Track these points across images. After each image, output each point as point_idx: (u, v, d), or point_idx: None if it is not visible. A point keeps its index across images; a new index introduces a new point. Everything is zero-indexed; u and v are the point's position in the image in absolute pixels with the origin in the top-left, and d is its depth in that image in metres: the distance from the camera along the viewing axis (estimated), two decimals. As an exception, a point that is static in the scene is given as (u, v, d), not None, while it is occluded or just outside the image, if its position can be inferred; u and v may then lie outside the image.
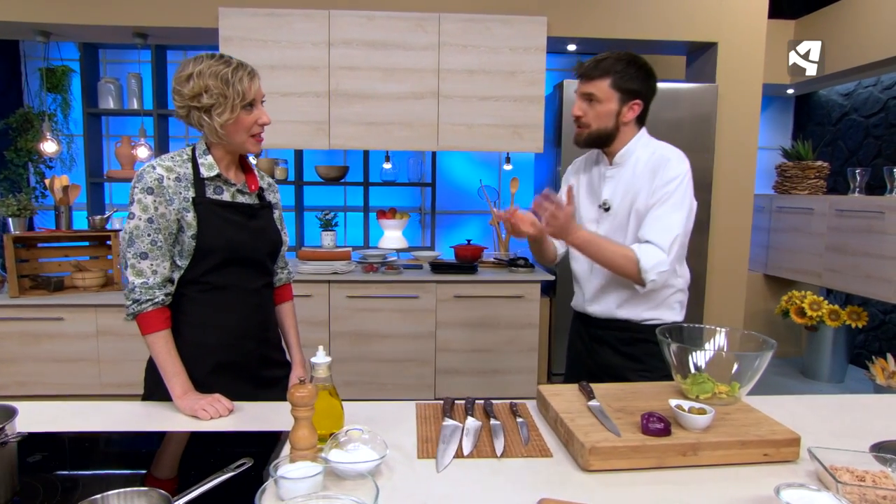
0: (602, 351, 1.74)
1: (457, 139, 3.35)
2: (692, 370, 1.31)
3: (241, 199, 1.49)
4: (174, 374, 1.36)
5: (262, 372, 1.54)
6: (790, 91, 4.66)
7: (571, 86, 3.28)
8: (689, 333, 1.42)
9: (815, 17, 4.19)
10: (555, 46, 3.50)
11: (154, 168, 1.37)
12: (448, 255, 3.76)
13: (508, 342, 3.34)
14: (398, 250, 3.81)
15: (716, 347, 1.40)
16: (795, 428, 1.18)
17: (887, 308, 4.04)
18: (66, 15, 3.21)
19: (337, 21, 3.20)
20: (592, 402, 1.27)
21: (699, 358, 1.32)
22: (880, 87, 4.15)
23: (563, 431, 1.20)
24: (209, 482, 0.89)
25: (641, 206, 1.60)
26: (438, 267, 3.39)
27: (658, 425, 1.13)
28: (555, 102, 3.44)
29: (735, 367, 1.26)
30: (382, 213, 3.83)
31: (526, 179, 4.17)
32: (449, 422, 1.28)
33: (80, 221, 3.55)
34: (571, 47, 3.68)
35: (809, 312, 3.81)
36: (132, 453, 1.20)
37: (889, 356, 3.43)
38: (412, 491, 1.02)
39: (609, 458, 1.08)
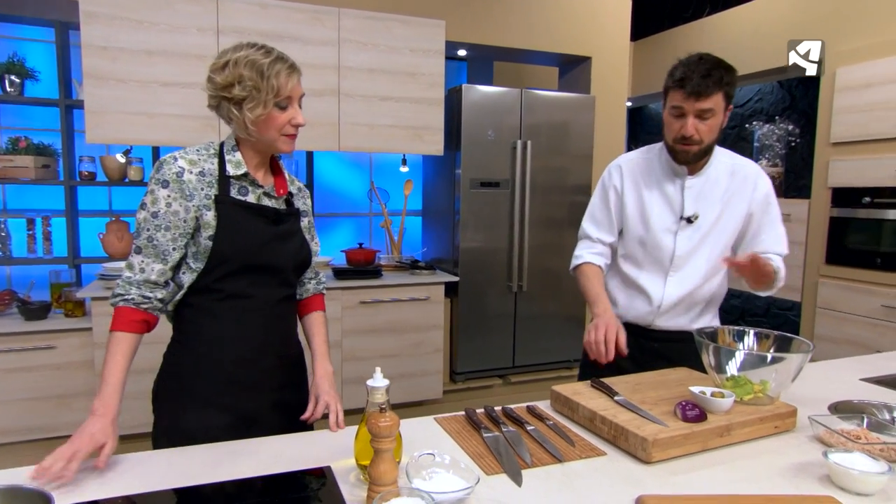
0: (657, 365, 1.63)
1: (358, 140, 3.23)
2: (730, 372, 1.34)
3: (267, 202, 1.34)
4: (105, 384, 1.18)
5: (282, 393, 1.39)
6: (628, 104, 5.31)
7: (470, 90, 3.36)
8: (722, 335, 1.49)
9: (648, 41, 4.83)
10: (446, 51, 3.55)
11: (175, 160, 1.26)
12: (338, 260, 3.61)
13: (415, 345, 3.32)
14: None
15: (746, 349, 1.47)
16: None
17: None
18: None
19: (226, 6, 2.88)
20: (619, 398, 1.34)
21: (732, 365, 1.34)
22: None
23: (607, 429, 1.24)
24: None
25: (737, 215, 1.64)
26: (343, 273, 3.25)
27: (695, 412, 1.23)
28: (450, 106, 3.50)
29: (769, 363, 1.30)
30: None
31: (416, 181, 4.17)
32: (488, 433, 1.25)
33: None
34: (461, 52, 3.77)
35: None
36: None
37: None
38: (510, 510, 0.98)
39: (667, 448, 1.15)
